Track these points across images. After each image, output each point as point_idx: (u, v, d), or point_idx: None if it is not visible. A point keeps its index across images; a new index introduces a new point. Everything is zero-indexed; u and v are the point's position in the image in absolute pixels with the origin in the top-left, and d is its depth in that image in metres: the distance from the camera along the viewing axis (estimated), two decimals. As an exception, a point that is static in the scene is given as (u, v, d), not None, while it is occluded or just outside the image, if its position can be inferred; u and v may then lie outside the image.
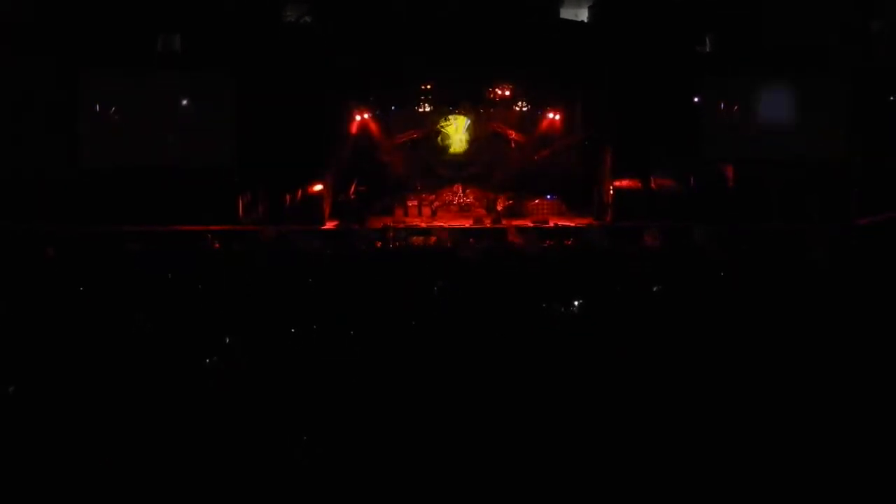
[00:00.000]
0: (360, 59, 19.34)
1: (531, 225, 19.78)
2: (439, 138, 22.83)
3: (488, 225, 20.18)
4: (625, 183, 20.03)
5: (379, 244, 17.36)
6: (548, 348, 6.29)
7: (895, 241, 15.87)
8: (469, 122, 22.78)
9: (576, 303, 7.99)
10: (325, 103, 19.76)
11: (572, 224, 19.83)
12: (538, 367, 5.75)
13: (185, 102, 19.42)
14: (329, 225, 19.94)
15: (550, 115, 22.01)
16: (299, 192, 19.74)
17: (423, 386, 5.24)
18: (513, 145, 22.88)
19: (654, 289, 9.04)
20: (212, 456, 4.17)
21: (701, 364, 5.74)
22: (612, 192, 20.15)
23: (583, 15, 20.25)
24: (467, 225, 20.08)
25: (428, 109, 21.93)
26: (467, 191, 22.54)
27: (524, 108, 22.04)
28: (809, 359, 5.77)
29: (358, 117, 21.87)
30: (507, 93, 21.60)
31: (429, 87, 21.41)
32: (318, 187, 19.88)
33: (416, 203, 21.79)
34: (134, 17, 18.17)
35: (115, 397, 4.89)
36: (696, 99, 19.79)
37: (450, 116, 22.54)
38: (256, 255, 14.73)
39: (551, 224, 19.88)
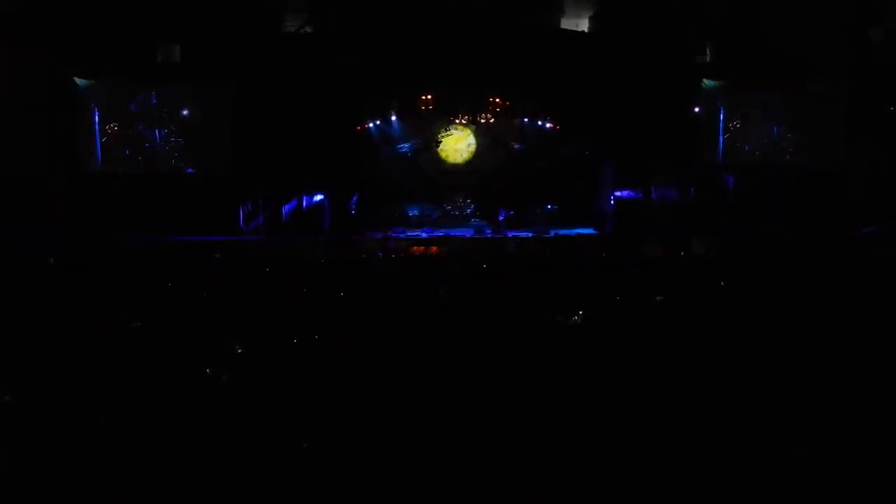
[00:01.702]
0: (360, 69, 19.39)
1: (532, 235, 19.78)
2: (440, 149, 22.89)
3: (489, 235, 20.19)
4: (625, 193, 20.06)
5: (379, 254, 17.35)
6: (548, 357, 6.28)
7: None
8: (469, 132, 22.85)
9: (578, 312, 7.97)
10: (326, 113, 19.81)
11: (573, 234, 19.84)
12: (538, 375, 5.74)
13: (184, 112, 19.47)
14: (329, 235, 19.95)
15: (550, 126, 22.04)
16: (299, 203, 19.78)
17: (422, 395, 5.23)
18: (513, 155, 22.96)
19: (657, 299, 9.03)
20: (212, 461, 4.17)
21: (699, 373, 5.74)
22: (612, 202, 20.18)
23: (583, 25, 20.30)
24: (468, 236, 20.09)
25: (428, 120, 21.98)
26: (468, 201, 22.57)
27: (524, 118, 22.09)
28: (808, 369, 5.76)
29: (358, 127, 21.92)
30: (508, 103, 21.63)
31: (429, 97, 21.44)
32: (318, 197, 19.90)
33: (416, 213, 21.79)
34: (134, 26, 18.21)
35: (115, 405, 4.88)
36: (696, 108, 19.83)
37: (450, 127, 22.58)
38: (256, 265, 14.70)
39: (552, 234, 19.88)
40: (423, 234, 20.11)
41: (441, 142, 22.76)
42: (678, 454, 4.31)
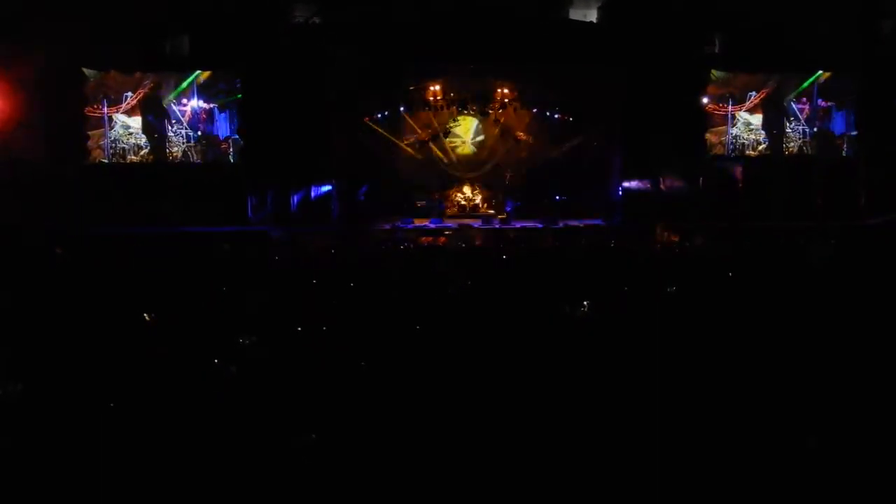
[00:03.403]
0: (368, 59, 19.37)
1: (540, 225, 19.76)
2: (448, 139, 22.88)
3: (497, 226, 20.19)
4: (634, 183, 20.02)
5: (388, 245, 17.34)
6: (556, 349, 6.26)
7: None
8: (478, 122, 22.84)
9: (586, 303, 7.94)
10: (334, 103, 19.81)
11: (582, 224, 19.81)
12: (546, 367, 5.73)
13: (193, 102, 19.49)
14: (337, 226, 19.96)
15: (559, 116, 22.01)
16: (307, 193, 19.78)
17: (428, 388, 5.22)
18: (521, 146, 22.94)
19: (667, 289, 9.00)
20: (220, 453, 4.17)
21: (709, 364, 5.72)
22: (621, 192, 20.14)
23: (591, 15, 20.21)
24: (476, 226, 20.07)
25: (436, 110, 21.97)
26: (476, 191, 22.56)
27: (533, 109, 22.07)
28: (814, 361, 5.73)
29: (367, 118, 21.93)
30: (516, 93, 21.60)
31: (437, 87, 21.44)
32: (326, 188, 19.91)
33: (424, 204, 21.78)
34: (143, 17, 18.21)
35: (123, 397, 4.89)
36: (705, 99, 19.78)
37: (458, 117, 22.57)
38: (264, 256, 14.72)
39: (561, 224, 19.85)
40: (432, 225, 20.09)
41: (450, 132, 22.76)
42: (688, 447, 4.29)
